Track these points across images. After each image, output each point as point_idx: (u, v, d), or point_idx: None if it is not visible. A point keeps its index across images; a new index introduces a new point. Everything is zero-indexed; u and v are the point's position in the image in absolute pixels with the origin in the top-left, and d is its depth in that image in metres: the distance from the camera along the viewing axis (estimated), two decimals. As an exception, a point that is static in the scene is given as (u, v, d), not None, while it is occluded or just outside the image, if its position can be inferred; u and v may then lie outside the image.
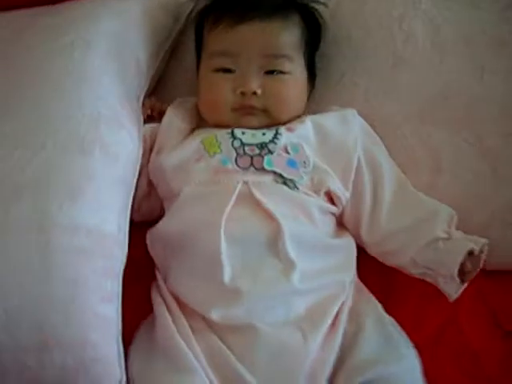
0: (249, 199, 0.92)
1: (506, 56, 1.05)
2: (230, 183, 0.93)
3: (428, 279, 0.98)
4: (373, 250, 1.02)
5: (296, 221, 0.93)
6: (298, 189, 0.94)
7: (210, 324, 0.89)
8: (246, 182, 0.93)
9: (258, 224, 0.90)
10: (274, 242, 0.90)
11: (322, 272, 0.93)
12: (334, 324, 0.91)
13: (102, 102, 0.93)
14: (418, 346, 0.99)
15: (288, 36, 1.00)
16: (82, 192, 0.84)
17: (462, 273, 0.94)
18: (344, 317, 0.92)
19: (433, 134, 1.06)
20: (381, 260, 1.03)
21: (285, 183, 0.94)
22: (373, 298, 0.99)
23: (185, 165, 0.96)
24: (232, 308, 0.88)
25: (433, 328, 1.04)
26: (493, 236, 1.05)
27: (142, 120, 1.01)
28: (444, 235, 0.95)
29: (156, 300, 0.93)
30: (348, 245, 0.99)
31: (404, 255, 0.97)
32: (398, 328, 0.96)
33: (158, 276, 0.96)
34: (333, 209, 0.98)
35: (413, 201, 1.00)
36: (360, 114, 1.05)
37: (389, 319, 0.96)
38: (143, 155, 0.99)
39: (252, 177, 0.93)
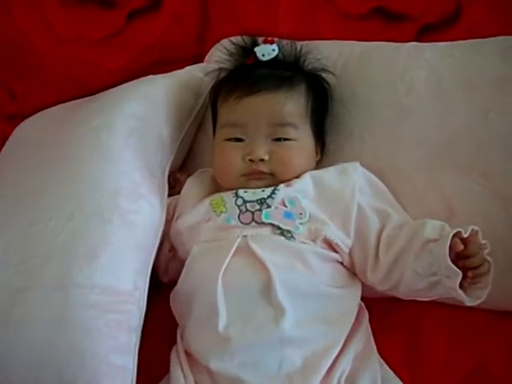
0: (246, 251, 0.98)
1: (510, 94, 1.06)
2: (231, 238, 1.00)
3: (440, 290, 0.95)
4: (384, 288, 1.02)
5: (290, 269, 0.97)
6: (294, 238, 0.99)
7: (211, 375, 0.94)
8: (245, 236, 0.99)
9: (252, 274, 0.96)
10: (267, 291, 0.95)
11: (316, 320, 0.96)
12: (325, 379, 0.92)
13: (123, 176, 1.05)
14: None
15: (293, 105, 1.07)
16: (99, 255, 0.94)
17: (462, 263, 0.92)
18: (338, 373, 0.93)
19: (443, 180, 1.07)
20: (398, 296, 1.03)
21: (282, 234, 0.99)
22: (375, 356, 1.00)
23: (197, 226, 1.05)
24: (225, 358, 0.93)
25: (462, 374, 1.02)
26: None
27: (166, 189, 1.11)
28: (434, 236, 0.95)
29: (173, 359, 1.00)
30: (348, 296, 1.01)
31: (407, 273, 0.96)
32: None
33: (178, 334, 1.03)
34: (332, 255, 1.01)
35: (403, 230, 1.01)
36: (370, 167, 1.09)
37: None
38: (166, 223, 1.08)
39: (251, 230, 1.00)
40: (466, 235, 0.92)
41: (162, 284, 1.12)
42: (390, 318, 1.09)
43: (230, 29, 1.30)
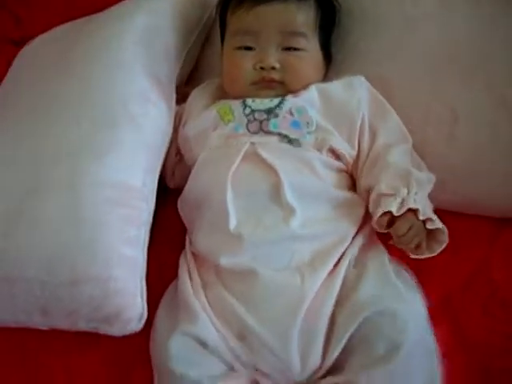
0: (254, 157, 1.00)
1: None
2: (238, 145, 1.02)
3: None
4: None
5: (298, 173, 1.00)
6: (301, 147, 1.01)
7: (219, 275, 0.97)
8: (252, 143, 1.02)
9: (261, 177, 0.99)
10: (276, 193, 0.97)
11: (325, 220, 0.99)
12: (334, 269, 0.95)
13: (132, 82, 1.07)
14: (448, 293, 1.03)
15: (303, 16, 1.08)
16: (108, 154, 0.97)
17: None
18: (346, 262, 0.96)
19: (447, 89, 1.08)
20: None
21: (289, 142, 1.02)
22: (381, 247, 1.02)
23: (204, 133, 1.07)
24: (237, 255, 0.96)
25: (463, 276, 1.05)
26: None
27: (173, 97, 1.13)
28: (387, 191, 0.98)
29: (181, 262, 1.03)
30: (354, 199, 1.03)
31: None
32: (405, 277, 0.99)
33: (187, 239, 1.06)
34: (338, 165, 1.03)
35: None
36: (375, 78, 1.10)
37: (394, 267, 0.99)
38: (174, 130, 1.11)
39: (259, 138, 1.02)
40: (396, 214, 0.95)
41: (169, 191, 1.14)
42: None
43: None
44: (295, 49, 1.07)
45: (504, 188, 1.07)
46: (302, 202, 0.97)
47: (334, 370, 0.91)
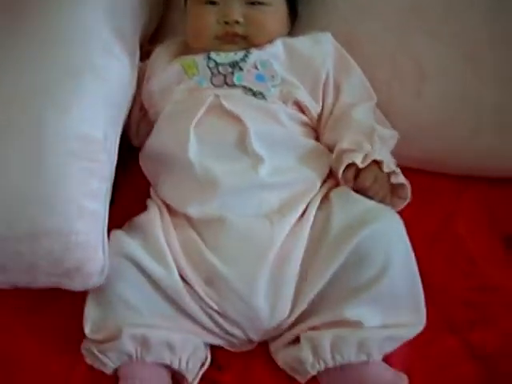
0: (218, 109, 0.99)
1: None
2: (202, 98, 1.00)
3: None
4: None
5: (264, 122, 0.99)
6: (266, 100, 1.01)
7: (189, 221, 0.96)
8: (217, 96, 1.00)
9: (226, 127, 0.98)
10: (242, 141, 0.97)
11: (293, 168, 0.98)
12: (302, 216, 0.94)
13: (94, 34, 1.03)
14: (414, 242, 1.00)
15: None
16: (72, 105, 0.94)
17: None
18: (314, 208, 0.95)
19: (413, 42, 1.08)
20: None
21: (254, 95, 1.01)
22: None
23: (168, 88, 1.05)
24: (207, 203, 0.95)
25: (430, 226, 1.06)
26: (486, 141, 1.07)
27: (137, 52, 1.10)
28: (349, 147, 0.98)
29: (150, 203, 1.01)
30: (321, 148, 1.03)
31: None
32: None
33: (151, 191, 1.04)
34: (302, 117, 1.03)
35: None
36: (342, 32, 1.09)
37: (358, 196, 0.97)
38: (138, 86, 1.08)
39: (223, 91, 1.01)
40: (361, 165, 0.95)
41: (134, 149, 1.12)
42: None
43: None
44: (259, 3, 1.05)
45: (470, 145, 1.07)
46: (270, 150, 0.97)
47: (305, 317, 0.90)
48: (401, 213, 1.02)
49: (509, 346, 0.94)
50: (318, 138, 1.06)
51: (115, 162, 0.99)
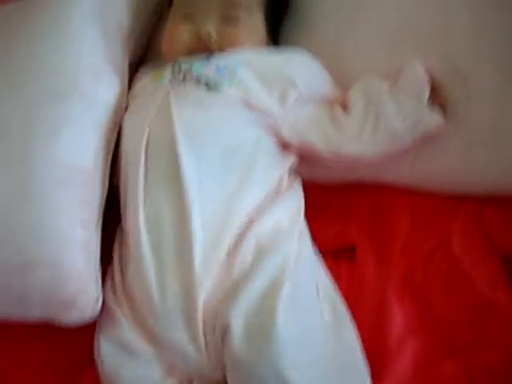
0: (166, 109, 0.97)
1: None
2: (155, 98, 0.99)
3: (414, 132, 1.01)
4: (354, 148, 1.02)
5: (199, 121, 0.96)
6: (218, 94, 0.98)
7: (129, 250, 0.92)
8: (167, 93, 0.98)
9: (160, 130, 0.96)
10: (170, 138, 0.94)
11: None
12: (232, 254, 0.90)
13: (84, 58, 1.02)
14: (410, 270, 1.02)
15: None
16: (60, 132, 0.93)
17: None
18: (247, 245, 0.91)
19: (404, 60, 1.06)
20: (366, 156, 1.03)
21: (208, 87, 0.98)
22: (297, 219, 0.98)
23: (134, 96, 1.06)
24: None
25: (424, 251, 1.05)
26: (478, 157, 1.06)
27: (126, 76, 1.09)
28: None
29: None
30: (259, 157, 0.98)
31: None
32: None
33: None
34: (256, 119, 0.99)
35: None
36: (333, 47, 1.10)
37: None
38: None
39: (176, 88, 0.99)
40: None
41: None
42: (352, 201, 1.10)
43: None
44: (235, 20, 1.05)
45: (461, 164, 1.06)
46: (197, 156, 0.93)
47: None
48: (397, 234, 1.02)
49: (510, 366, 0.92)
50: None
51: (106, 189, 0.97)
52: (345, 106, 1.04)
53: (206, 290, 0.86)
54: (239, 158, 0.95)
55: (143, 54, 1.21)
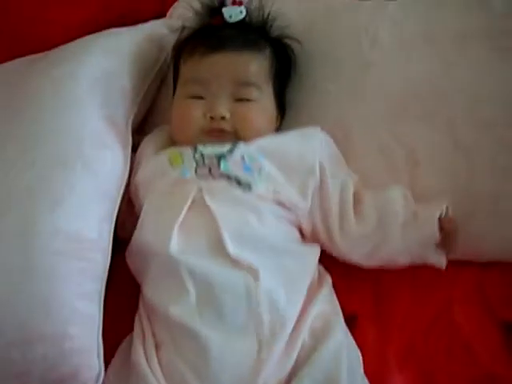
0: (201, 205, 0.96)
1: (470, 47, 1.09)
2: (185, 192, 0.98)
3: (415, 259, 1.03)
4: (354, 257, 1.04)
5: (244, 222, 0.96)
6: (251, 192, 0.98)
7: (171, 333, 0.92)
8: (200, 189, 0.98)
9: (203, 227, 0.95)
10: (218, 244, 0.94)
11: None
12: (292, 338, 0.91)
13: (87, 124, 1.02)
14: (411, 339, 1.02)
15: (257, 66, 1.07)
16: (63, 202, 0.93)
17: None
18: (305, 329, 0.92)
19: (406, 130, 1.09)
20: (363, 263, 1.05)
21: (239, 185, 0.98)
22: (338, 309, 1.00)
23: (152, 180, 1.03)
24: (185, 307, 0.91)
25: (426, 320, 1.05)
26: (479, 225, 1.07)
27: (129, 141, 1.09)
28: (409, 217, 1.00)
29: (136, 322, 0.98)
30: (304, 252, 1.02)
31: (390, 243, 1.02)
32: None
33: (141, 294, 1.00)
34: (289, 217, 1.01)
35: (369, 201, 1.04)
36: (334, 120, 1.11)
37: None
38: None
39: (206, 184, 0.98)
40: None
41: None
42: (352, 272, 1.09)
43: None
44: (247, 99, 1.05)
45: (463, 230, 1.06)
46: (246, 250, 0.94)
47: None
48: (397, 304, 1.02)
49: None
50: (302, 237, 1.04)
51: (109, 260, 0.96)
52: (357, 200, 1.04)
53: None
54: (281, 256, 0.97)
55: (145, 117, 1.22)
